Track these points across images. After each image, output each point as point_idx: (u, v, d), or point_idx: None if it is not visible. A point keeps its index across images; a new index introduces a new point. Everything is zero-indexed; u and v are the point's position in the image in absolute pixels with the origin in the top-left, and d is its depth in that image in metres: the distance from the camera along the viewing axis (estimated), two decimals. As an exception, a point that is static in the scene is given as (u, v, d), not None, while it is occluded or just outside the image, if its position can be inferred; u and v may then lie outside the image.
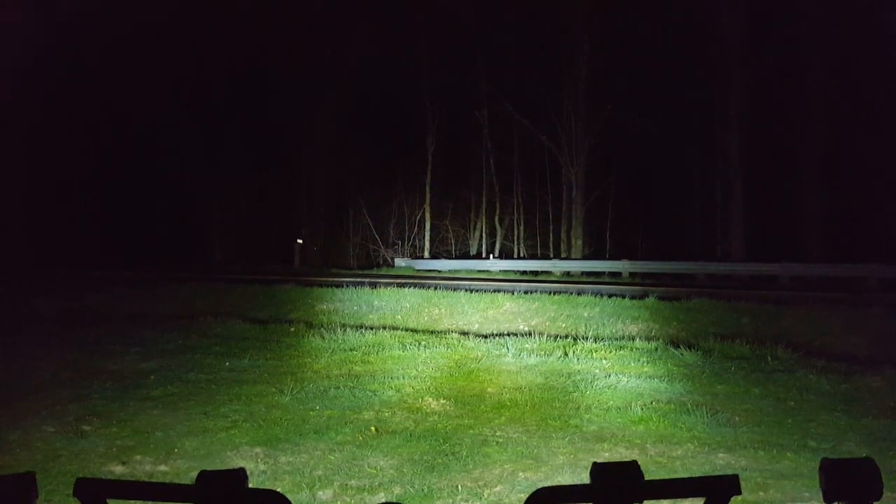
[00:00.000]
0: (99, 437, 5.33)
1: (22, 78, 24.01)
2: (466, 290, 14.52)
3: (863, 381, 7.08)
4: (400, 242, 31.18)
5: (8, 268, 19.00)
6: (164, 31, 28.31)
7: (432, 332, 10.75)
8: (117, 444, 5.18)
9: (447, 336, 10.09)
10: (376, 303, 13.62)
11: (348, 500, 4.14)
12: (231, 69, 29.45)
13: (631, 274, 20.69)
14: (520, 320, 12.21)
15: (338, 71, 29.36)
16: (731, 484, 0.82)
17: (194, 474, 0.80)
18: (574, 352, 8.73)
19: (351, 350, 9.05)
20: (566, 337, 10.09)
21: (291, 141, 31.56)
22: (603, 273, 21.84)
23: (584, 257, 24.95)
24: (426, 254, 28.92)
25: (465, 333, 10.67)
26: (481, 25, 27.38)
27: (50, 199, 28.28)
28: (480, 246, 30.32)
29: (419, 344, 9.29)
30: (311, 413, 6.08)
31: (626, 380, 7.23)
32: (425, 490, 4.29)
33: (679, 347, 8.79)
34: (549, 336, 9.92)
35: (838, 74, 21.18)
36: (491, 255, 27.60)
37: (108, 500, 0.83)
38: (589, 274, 22.16)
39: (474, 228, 30.91)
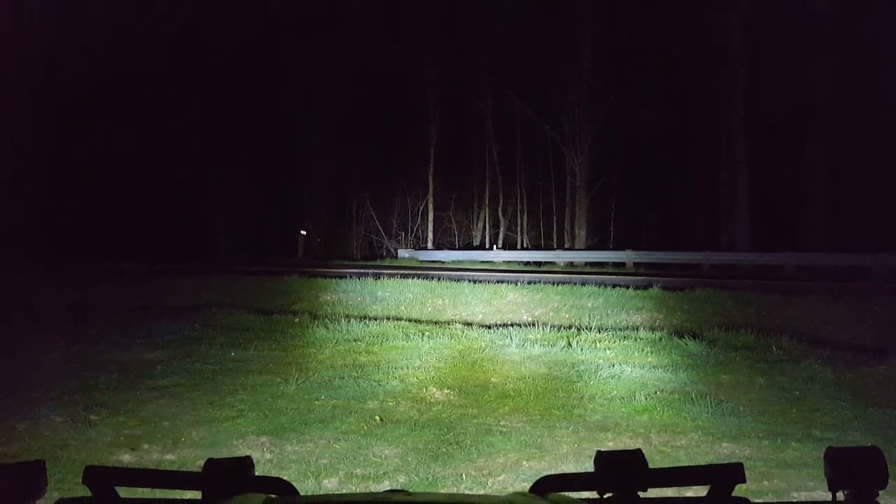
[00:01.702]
0: (107, 427, 5.37)
1: (21, 77, 23.99)
2: (470, 281, 14.52)
3: (868, 371, 7.06)
4: (403, 233, 31.16)
5: (16, 261, 19.07)
6: (164, 26, 28.23)
7: (436, 323, 10.75)
8: (125, 434, 5.22)
9: (451, 326, 10.10)
10: (380, 294, 13.64)
11: (353, 488, 4.17)
12: (233, 61, 29.37)
13: (635, 264, 20.63)
14: (523, 311, 12.20)
15: (340, 61, 29.25)
16: (735, 472, 0.82)
17: (201, 463, 0.81)
18: (578, 342, 8.73)
19: (355, 340, 9.08)
20: (570, 327, 10.08)
21: (294, 132, 31.51)
22: (607, 263, 21.76)
23: (588, 248, 24.88)
24: (429, 245, 28.91)
25: (468, 324, 10.68)
26: (484, 15, 27.22)
27: (57, 193, 28.36)
28: (484, 237, 30.28)
29: (423, 334, 9.31)
30: (317, 403, 6.11)
31: (629, 370, 7.24)
32: (430, 479, 4.31)
33: (683, 337, 8.78)
34: (552, 326, 9.92)
35: (845, 63, 20.97)
36: (494, 246, 27.56)
37: (116, 488, 0.84)
38: (593, 264, 22.09)
39: (477, 219, 30.86)
